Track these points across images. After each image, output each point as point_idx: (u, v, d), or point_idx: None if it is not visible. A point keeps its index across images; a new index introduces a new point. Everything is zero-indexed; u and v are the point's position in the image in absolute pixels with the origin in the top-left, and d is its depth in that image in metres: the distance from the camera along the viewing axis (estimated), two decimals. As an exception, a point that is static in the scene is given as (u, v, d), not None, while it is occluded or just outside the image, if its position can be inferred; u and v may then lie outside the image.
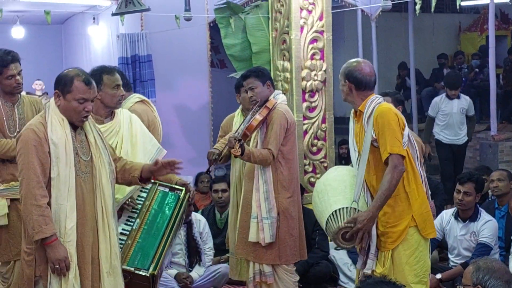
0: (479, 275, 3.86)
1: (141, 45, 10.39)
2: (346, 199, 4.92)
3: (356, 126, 5.07)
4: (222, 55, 12.89)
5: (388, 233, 4.89)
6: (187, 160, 10.33)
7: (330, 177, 5.32)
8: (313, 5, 8.21)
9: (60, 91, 4.53)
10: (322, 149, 8.37)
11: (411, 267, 4.90)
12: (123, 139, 5.38)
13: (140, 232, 5.28)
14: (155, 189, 5.49)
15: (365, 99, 4.95)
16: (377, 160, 4.87)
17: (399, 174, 4.75)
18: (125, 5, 8.25)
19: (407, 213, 4.88)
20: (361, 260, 5.07)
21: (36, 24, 12.84)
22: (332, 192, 5.05)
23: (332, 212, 4.89)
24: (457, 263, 6.79)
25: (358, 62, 5.07)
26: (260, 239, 5.78)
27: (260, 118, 5.77)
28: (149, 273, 5.04)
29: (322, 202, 5.07)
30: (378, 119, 4.80)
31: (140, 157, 5.40)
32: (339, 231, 4.82)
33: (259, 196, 5.80)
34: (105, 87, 5.29)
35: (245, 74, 6.07)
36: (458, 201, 6.82)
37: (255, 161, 5.73)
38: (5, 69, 5.53)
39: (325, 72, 8.28)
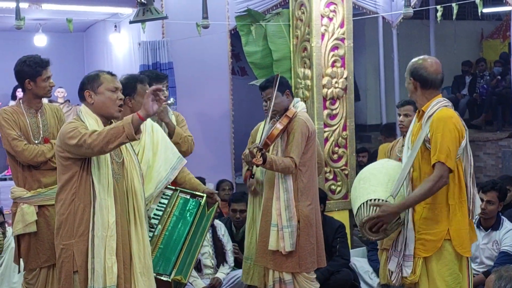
0: (501, 283, 3.83)
1: (162, 53, 10.41)
2: (385, 191, 4.89)
3: (415, 125, 5.00)
4: (243, 62, 12.90)
5: (421, 239, 4.83)
6: (208, 167, 10.37)
7: (377, 167, 5.29)
8: (334, 13, 8.21)
9: (91, 88, 4.65)
10: (343, 156, 8.36)
11: (443, 278, 4.82)
12: (145, 147, 5.41)
13: (162, 238, 5.32)
14: (176, 195, 5.54)
15: (430, 99, 4.87)
16: (426, 160, 4.80)
17: (441, 185, 4.68)
18: (143, 13, 8.27)
19: (444, 225, 4.79)
20: (396, 262, 4.99)
21: (58, 32, 12.90)
22: (374, 182, 5.01)
23: (367, 200, 4.86)
24: (479, 271, 6.74)
25: (424, 59, 4.97)
26: (281, 248, 5.78)
27: (280, 127, 5.77)
28: (170, 279, 5.09)
29: (361, 189, 5.04)
30: (436, 122, 4.71)
31: (161, 165, 5.44)
32: (367, 221, 4.80)
33: (280, 204, 5.80)
34: (138, 96, 5.27)
35: (263, 85, 6.07)
36: (481, 210, 6.76)
37: (277, 169, 5.73)
38: (44, 71, 5.61)
39: (346, 80, 8.27)
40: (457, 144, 4.72)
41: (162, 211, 5.43)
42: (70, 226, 4.56)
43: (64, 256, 4.57)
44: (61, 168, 4.61)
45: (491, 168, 13.30)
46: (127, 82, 5.25)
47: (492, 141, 13.41)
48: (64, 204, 4.57)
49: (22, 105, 5.71)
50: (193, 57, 10.80)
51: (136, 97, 5.27)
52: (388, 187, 4.91)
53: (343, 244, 7.25)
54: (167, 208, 5.45)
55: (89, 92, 4.66)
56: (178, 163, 5.58)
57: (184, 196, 5.55)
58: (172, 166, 5.53)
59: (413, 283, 4.91)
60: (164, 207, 5.45)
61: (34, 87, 5.64)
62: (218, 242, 7.44)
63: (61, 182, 4.61)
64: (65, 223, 4.57)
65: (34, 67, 5.57)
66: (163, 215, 5.41)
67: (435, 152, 4.67)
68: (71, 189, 4.55)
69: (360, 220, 4.86)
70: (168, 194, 5.53)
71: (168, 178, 5.50)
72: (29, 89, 5.66)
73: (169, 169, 5.51)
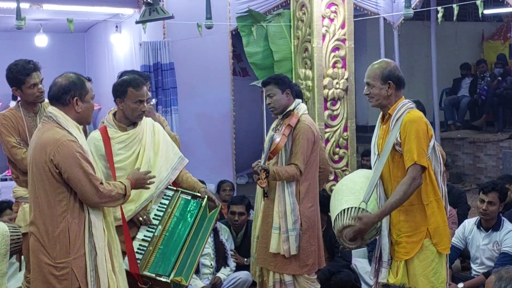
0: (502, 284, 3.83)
1: (163, 53, 10.41)
2: (357, 199, 4.93)
3: (381, 129, 5.05)
4: (244, 63, 12.90)
5: (401, 242, 4.89)
6: (209, 168, 10.38)
7: (348, 178, 5.40)
8: (335, 14, 8.22)
9: (79, 96, 4.55)
10: (344, 157, 8.36)
11: (428, 279, 4.89)
12: (145, 146, 5.42)
13: (162, 239, 5.33)
14: (177, 196, 5.55)
15: (397, 102, 4.92)
16: (396, 163, 4.86)
17: (416, 187, 4.74)
18: (149, 13, 8.26)
19: (423, 225, 4.86)
20: (374, 268, 5.09)
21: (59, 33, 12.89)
22: (346, 192, 5.08)
23: (341, 210, 4.92)
24: (479, 272, 6.74)
25: (388, 62, 5.04)
26: (284, 251, 5.77)
27: (284, 140, 5.73)
28: (169, 279, 5.08)
29: (336, 201, 5.11)
30: (408, 124, 4.77)
31: (161, 165, 5.46)
32: (343, 229, 4.86)
33: (285, 207, 5.79)
34: (128, 100, 5.31)
35: (265, 80, 6.07)
36: (482, 211, 6.76)
37: (281, 179, 5.74)
38: (27, 78, 5.55)
39: (347, 81, 8.28)
40: (428, 144, 4.79)
41: (163, 212, 5.44)
42: (64, 244, 4.43)
43: (59, 273, 4.43)
44: (47, 182, 4.42)
45: (492, 169, 13.30)
46: (119, 85, 5.35)
47: (493, 142, 13.40)
48: (54, 221, 4.41)
49: (21, 108, 5.70)
50: (194, 57, 10.81)
51: (126, 101, 5.31)
52: (360, 194, 4.94)
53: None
54: (168, 209, 5.46)
55: (77, 100, 4.54)
56: (179, 163, 5.60)
57: (185, 197, 5.55)
58: (173, 166, 5.55)
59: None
60: (165, 208, 5.46)
61: (21, 94, 5.63)
62: (221, 245, 7.43)
63: (48, 197, 4.42)
64: (57, 241, 4.42)
65: (17, 75, 5.52)
66: (163, 216, 5.42)
67: (410, 155, 4.73)
68: (60, 205, 4.42)
69: (337, 230, 4.91)
70: (169, 195, 5.54)
71: (169, 178, 5.52)
72: (19, 95, 5.66)
73: (170, 169, 5.52)
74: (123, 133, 5.38)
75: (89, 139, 5.40)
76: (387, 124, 4.95)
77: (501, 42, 17.17)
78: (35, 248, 4.49)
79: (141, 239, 5.31)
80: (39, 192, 4.44)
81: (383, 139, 4.95)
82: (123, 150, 5.37)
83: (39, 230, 4.45)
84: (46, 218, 4.43)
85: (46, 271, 4.44)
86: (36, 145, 4.45)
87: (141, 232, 5.35)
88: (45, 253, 4.44)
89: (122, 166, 5.35)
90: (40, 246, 4.45)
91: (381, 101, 4.98)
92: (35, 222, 4.47)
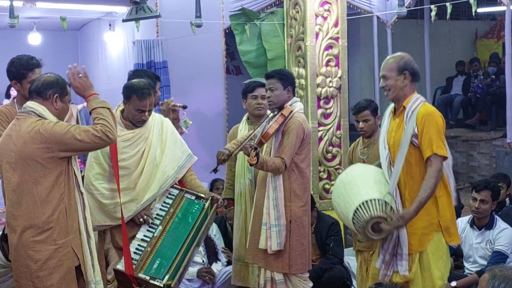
0: (495, 283, 3.82)
1: (156, 52, 10.41)
2: (376, 192, 4.95)
3: (393, 122, 5.10)
4: (237, 61, 12.90)
5: (414, 234, 4.94)
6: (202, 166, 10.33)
7: (358, 171, 5.38)
8: (329, 12, 8.21)
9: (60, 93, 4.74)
10: (337, 156, 8.36)
11: (441, 271, 4.98)
12: (151, 145, 5.43)
13: (161, 240, 5.31)
14: (182, 196, 5.52)
15: (410, 95, 5.01)
16: (413, 157, 4.92)
17: (440, 178, 4.85)
18: (136, 12, 8.26)
19: (434, 218, 4.94)
20: (381, 260, 5.07)
21: (52, 31, 12.88)
22: (362, 184, 5.07)
23: (363, 201, 4.90)
24: (472, 271, 6.75)
25: (404, 55, 5.11)
26: (268, 247, 5.76)
27: (276, 126, 5.75)
28: (163, 284, 5.07)
29: (350, 193, 5.08)
30: (427, 117, 4.86)
31: (167, 164, 5.46)
32: (370, 220, 4.86)
33: (269, 203, 5.78)
34: (131, 105, 5.37)
35: (270, 73, 6.05)
36: (474, 209, 6.76)
37: (267, 170, 5.72)
38: (30, 73, 5.54)
39: (340, 79, 8.27)
40: (443, 137, 4.90)
41: (165, 212, 5.42)
42: (63, 225, 4.59)
43: (61, 254, 4.58)
44: (43, 171, 4.55)
45: (485, 168, 13.33)
46: (126, 87, 5.43)
47: (486, 141, 13.43)
48: (51, 206, 4.57)
49: (16, 105, 5.69)
50: (187, 56, 10.80)
51: (129, 105, 5.37)
52: (376, 187, 5.00)
53: (337, 243, 7.21)
54: (171, 209, 5.43)
55: (57, 97, 4.72)
56: (187, 161, 5.61)
57: (189, 197, 5.52)
58: (180, 164, 5.55)
59: (408, 280, 4.96)
60: (167, 207, 5.44)
61: (20, 88, 5.61)
62: (210, 241, 7.41)
63: (45, 184, 4.56)
64: (56, 223, 4.56)
65: (20, 69, 5.50)
66: (165, 216, 5.40)
67: (429, 146, 4.81)
68: (59, 189, 4.58)
69: (363, 221, 4.88)
70: (174, 194, 5.52)
71: (174, 177, 5.52)
72: (17, 90, 5.65)
73: (176, 167, 5.51)
74: (129, 131, 5.39)
75: None
76: (400, 117, 5.01)
77: (495, 40, 17.20)
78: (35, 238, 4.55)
79: (141, 239, 5.30)
80: (32, 186, 4.54)
81: (396, 131, 5.01)
82: (128, 149, 5.37)
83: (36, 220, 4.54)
84: (44, 206, 4.54)
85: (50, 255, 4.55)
86: (19, 139, 4.56)
87: (141, 231, 5.34)
88: (48, 237, 4.55)
89: (126, 165, 5.35)
90: (41, 233, 4.54)
91: (397, 92, 5.04)
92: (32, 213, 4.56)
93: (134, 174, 5.37)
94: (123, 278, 5.17)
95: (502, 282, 3.80)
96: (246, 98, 6.67)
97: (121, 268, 5.13)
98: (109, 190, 5.34)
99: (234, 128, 6.86)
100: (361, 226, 4.91)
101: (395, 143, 4.99)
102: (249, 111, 6.67)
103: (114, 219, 5.33)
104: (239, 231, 6.57)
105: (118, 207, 5.26)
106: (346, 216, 5.07)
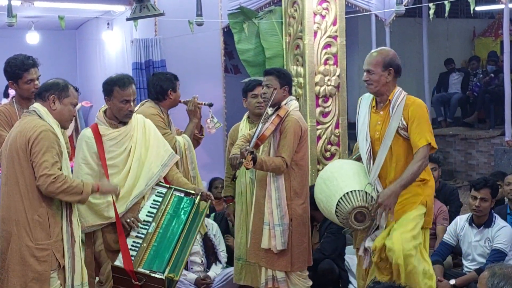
0: (494, 281, 3.83)
1: (155, 51, 10.40)
2: (356, 183, 5.13)
3: (377, 116, 5.23)
4: (236, 60, 12.88)
5: (399, 204, 5.11)
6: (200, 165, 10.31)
7: (336, 165, 5.60)
8: (327, 10, 8.21)
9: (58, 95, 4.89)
10: (336, 154, 8.36)
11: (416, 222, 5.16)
12: (136, 143, 5.46)
13: (156, 236, 5.35)
14: (171, 193, 5.57)
15: (393, 89, 5.16)
16: (398, 148, 5.09)
17: (425, 166, 5.05)
18: (140, 10, 8.23)
19: (421, 195, 5.17)
20: (366, 261, 5.18)
21: (50, 30, 12.85)
22: (341, 178, 5.23)
23: (344, 193, 5.05)
24: (471, 269, 6.75)
25: (388, 50, 5.30)
26: (272, 246, 5.78)
27: (272, 128, 5.76)
28: (164, 276, 5.12)
29: (331, 187, 5.24)
30: (416, 108, 5.04)
31: (152, 161, 5.51)
32: (352, 211, 5.02)
33: (271, 203, 5.79)
34: (114, 99, 5.40)
35: (268, 70, 6.09)
36: (475, 207, 6.75)
37: (268, 170, 5.74)
38: (25, 73, 5.56)
39: (338, 77, 8.27)
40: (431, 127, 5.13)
41: (156, 209, 5.46)
42: (45, 227, 4.70)
43: (40, 255, 4.67)
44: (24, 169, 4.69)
45: (484, 166, 13.32)
46: (105, 83, 5.47)
47: (485, 139, 13.43)
48: (34, 205, 4.69)
49: (15, 104, 5.69)
50: (185, 54, 10.78)
51: (113, 100, 5.41)
52: (356, 178, 5.19)
53: (328, 239, 7.09)
54: (161, 206, 5.48)
55: (54, 98, 4.86)
56: (169, 160, 5.63)
57: (178, 194, 5.58)
58: (163, 163, 5.58)
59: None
60: (158, 205, 5.48)
61: (17, 88, 5.63)
62: (209, 241, 7.41)
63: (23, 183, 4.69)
64: (37, 224, 4.68)
65: (15, 69, 5.54)
66: (157, 213, 5.44)
67: (423, 136, 4.99)
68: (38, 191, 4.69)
69: (346, 212, 5.04)
70: (162, 192, 5.56)
71: (159, 175, 5.55)
72: (14, 90, 5.66)
73: (160, 165, 5.55)
74: (115, 130, 5.42)
75: (81, 137, 5.42)
76: (385, 110, 5.15)
77: (493, 39, 17.20)
78: (15, 232, 4.67)
79: (135, 236, 5.33)
80: (17, 179, 4.69)
81: (382, 125, 5.13)
82: (115, 147, 5.39)
83: (18, 215, 4.68)
84: (26, 203, 4.67)
85: (26, 254, 4.66)
86: (17, 134, 4.73)
87: (134, 230, 5.35)
88: (26, 235, 4.66)
89: (115, 163, 5.37)
90: (21, 230, 4.66)
91: (380, 87, 5.18)
92: (15, 207, 4.68)
93: (123, 173, 5.41)
94: (122, 275, 5.18)
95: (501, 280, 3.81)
96: (246, 97, 6.68)
97: (120, 264, 5.14)
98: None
99: (235, 126, 6.87)
100: (345, 218, 5.07)
101: (381, 136, 5.13)
102: (249, 109, 6.68)
103: (105, 218, 5.34)
104: (240, 230, 6.58)
105: (110, 206, 5.30)
106: (330, 211, 5.23)
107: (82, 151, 5.38)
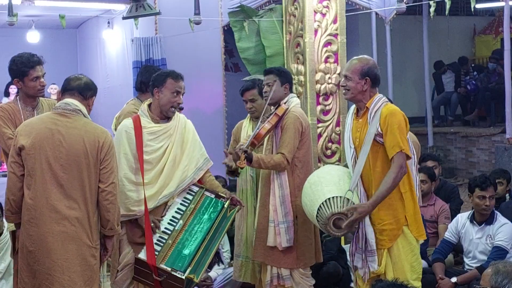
0: (498, 278, 3.84)
1: (155, 49, 10.39)
2: (339, 189, 5.11)
3: (357, 123, 5.23)
4: (236, 58, 12.88)
5: (384, 231, 5.08)
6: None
7: (324, 170, 5.56)
8: (327, 8, 8.21)
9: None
10: (336, 152, 8.36)
11: (411, 264, 5.12)
12: (174, 143, 5.46)
13: (182, 234, 5.35)
14: (202, 193, 5.59)
15: (372, 96, 5.14)
16: (377, 154, 5.06)
17: (403, 175, 4.97)
18: (136, 9, 8.25)
19: (401, 213, 5.08)
20: (361, 258, 5.19)
21: (51, 29, 12.88)
22: (325, 183, 5.22)
23: (326, 199, 5.05)
24: (472, 266, 6.75)
25: (368, 59, 5.25)
26: (277, 244, 5.78)
27: (268, 127, 5.76)
28: (184, 276, 5.13)
29: (315, 192, 5.22)
30: (389, 116, 4.99)
31: (186, 164, 5.51)
32: (331, 217, 4.99)
33: (276, 200, 5.80)
34: (165, 89, 5.44)
35: (269, 69, 6.12)
36: (485, 207, 6.71)
37: (267, 167, 5.74)
38: (31, 71, 5.55)
39: (339, 75, 8.26)
40: (406, 135, 5.04)
41: (185, 207, 5.46)
42: (98, 228, 4.98)
43: (97, 254, 4.95)
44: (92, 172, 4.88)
45: (484, 164, 13.34)
46: (158, 75, 5.54)
47: (485, 137, 13.45)
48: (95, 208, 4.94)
49: (19, 102, 5.69)
50: (186, 53, 10.78)
51: (164, 90, 5.44)
52: (340, 185, 5.16)
53: (330, 237, 7.11)
54: (191, 205, 5.48)
55: (94, 99, 5.06)
56: (204, 164, 5.64)
57: (209, 195, 5.59)
58: (198, 166, 5.58)
59: (379, 275, 5.10)
60: (188, 203, 5.48)
61: (23, 86, 5.62)
62: None
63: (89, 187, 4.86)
64: (95, 225, 4.94)
65: (21, 66, 5.53)
66: (185, 211, 5.44)
67: (395, 144, 4.94)
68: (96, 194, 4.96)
69: (325, 218, 5.02)
70: (194, 191, 5.56)
71: (192, 177, 5.54)
72: (19, 87, 5.65)
73: (195, 169, 5.54)
74: (155, 125, 5.42)
75: (121, 127, 5.44)
76: (364, 118, 5.15)
77: (493, 36, 17.22)
78: (76, 234, 4.79)
79: (162, 231, 5.32)
80: (88, 181, 4.82)
81: (361, 132, 5.13)
82: (153, 142, 5.38)
83: (81, 217, 4.81)
84: (89, 206, 4.83)
85: (87, 254, 4.84)
86: (82, 137, 4.81)
87: (162, 224, 5.35)
88: (87, 237, 4.84)
89: (149, 159, 5.35)
90: (83, 232, 4.81)
91: (356, 95, 5.18)
92: (80, 209, 4.82)
93: (155, 170, 5.38)
94: (143, 267, 5.20)
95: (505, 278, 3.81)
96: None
97: (143, 258, 5.16)
98: (132, 183, 5.33)
99: (239, 124, 6.85)
100: (324, 223, 5.06)
101: (360, 142, 5.12)
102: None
103: (130, 211, 5.31)
104: (241, 227, 6.57)
105: (138, 201, 5.30)
106: (312, 215, 5.23)
107: (122, 143, 5.35)
